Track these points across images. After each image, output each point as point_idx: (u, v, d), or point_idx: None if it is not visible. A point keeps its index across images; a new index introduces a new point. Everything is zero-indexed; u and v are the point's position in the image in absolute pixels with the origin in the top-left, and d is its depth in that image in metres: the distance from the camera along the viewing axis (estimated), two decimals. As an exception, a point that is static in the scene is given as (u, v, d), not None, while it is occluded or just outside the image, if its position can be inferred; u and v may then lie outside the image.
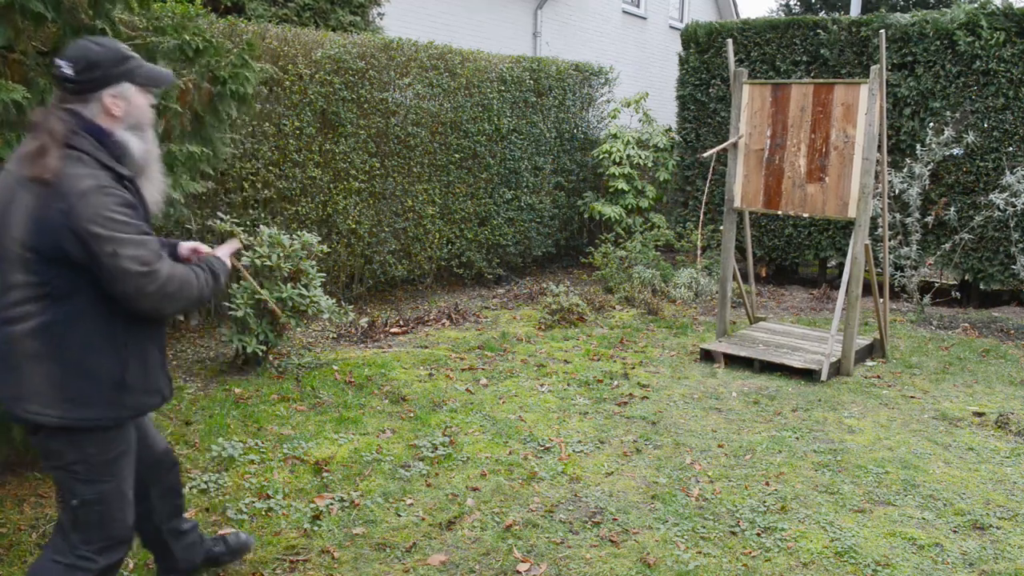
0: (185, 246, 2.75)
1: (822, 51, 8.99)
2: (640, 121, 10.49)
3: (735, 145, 6.35)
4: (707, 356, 6.33)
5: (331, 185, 7.26)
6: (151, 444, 2.78)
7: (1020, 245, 7.96)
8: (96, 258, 2.24)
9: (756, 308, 7.62)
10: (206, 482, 3.94)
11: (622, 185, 9.78)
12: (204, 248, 2.76)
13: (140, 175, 2.46)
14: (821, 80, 6.05)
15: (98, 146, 2.33)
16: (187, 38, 4.03)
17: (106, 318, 2.37)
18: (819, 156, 6.01)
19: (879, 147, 5.93)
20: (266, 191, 6.74)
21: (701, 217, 8.03)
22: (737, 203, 6.44)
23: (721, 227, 9.73)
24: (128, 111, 2.40)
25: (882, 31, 6.09)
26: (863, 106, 5.79)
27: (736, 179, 6.39)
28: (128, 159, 2.40)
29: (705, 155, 6.62)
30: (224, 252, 2.75)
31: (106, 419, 2.42)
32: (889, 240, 8.24)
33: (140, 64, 2.43)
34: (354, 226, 7.46)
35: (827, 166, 5.98)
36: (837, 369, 6.05)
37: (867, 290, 9.38)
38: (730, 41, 6.79)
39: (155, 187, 2.53)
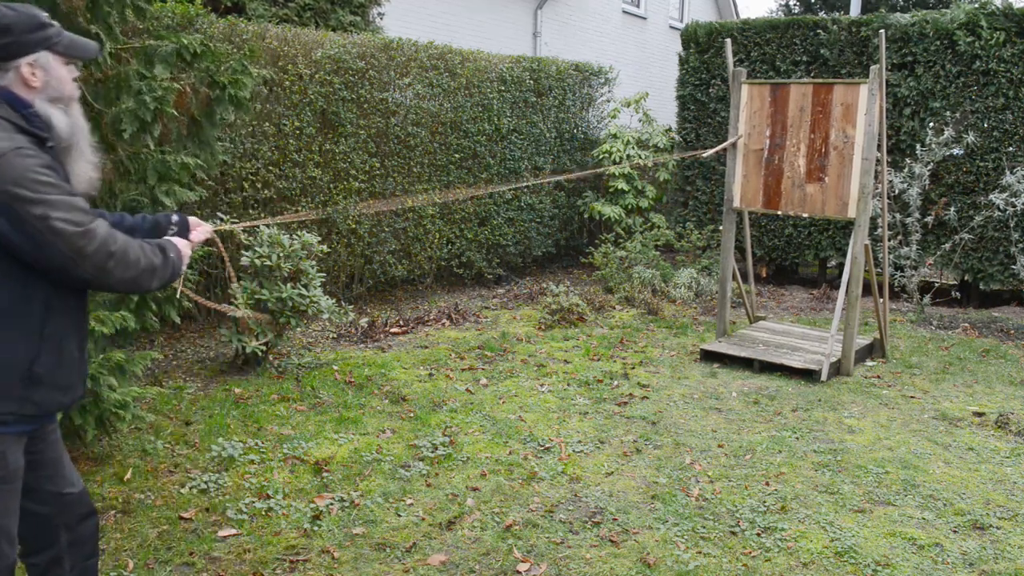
0: (192, 219, 2.69)
1: (822, 51, 8.99)
2: (640, 121, 10.49)
3: (734, 145, 6.35)
4: (707, 356, 6.33)
5: (331, 185, 7.26)
6: (66, 480, 2.48)
7: (1020, 245, 7.96)
8: (25, 223, 2.07)
9: (756, 308, 7.62)
10: (206, 482, 3.94)
11: (622, 185, 9.78)
12: (206, 226, 2.70)
13: (68, 152, 2.29)
14: (820, 80, 6.05)
15: (15, 114, 2.17)
16: (185, 42, 4.02)
17: (21, 298, 2.18)
18: (819, 156, 6.01)
19: (878, 147, 5.93)
20: (266, 191, 6.74)
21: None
22: (736, 203, 6.44)
23: (721, 227, 9.74)
24: (48, 82, 2.23)
25: (882, 31, 6.09)
26: (863, 106, 5.79)
27: (735, 179, 6.39)
28: (52, 133, 2.24)
29: (705, 155, 6.61)
30: (195, 236, 2.63)
31: (9, 415, 2.18)
32: (889, 240, 8.24)
33: (60, 32, 2.26)
34: (354, 226, 7.46)
35: (827, 166, 5.98)
36: (837, 369, 6.05)
37: (867, 290, 9.37)
38: (728, 41, 6.78)
39: (86, 164, 2.35)
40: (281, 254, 5.60)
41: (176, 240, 2.49)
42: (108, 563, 3.25)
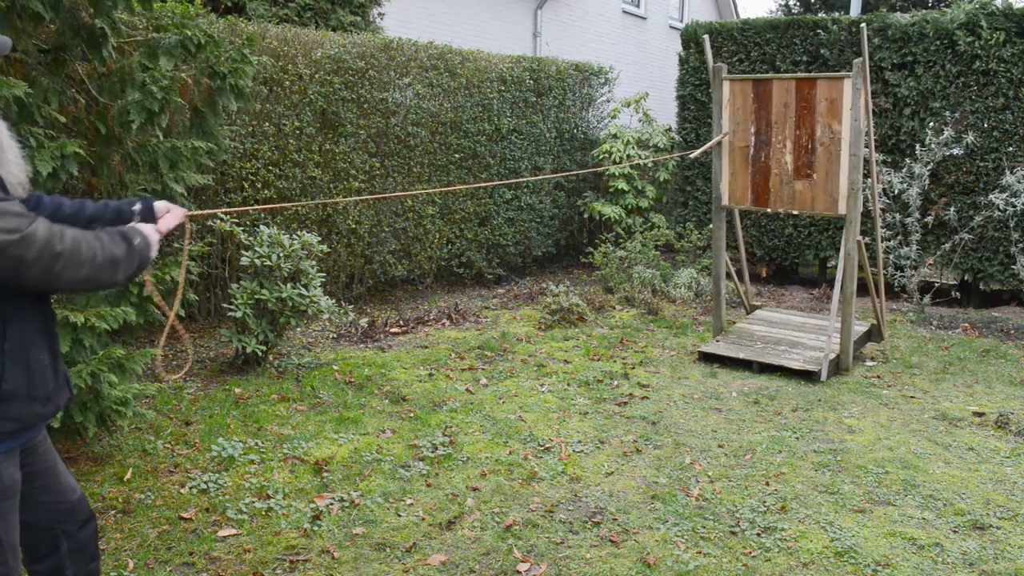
0: (161, 204, 2.53)
1: (822, 51, 8.99)
2: (640, 121, 10.49)
3: (720, 143, 6.28)
4: (706, 358, 6.31)
5: (331, 185, 7.26)
6: (62, 489, 2.42)
7: (1020, 245, 7.96)
8: None
9: (753, 299, 7.61)
10: (206, 482, 3.94)
11: (622, 185, 9.78)
12: (179, 209, 2.53)
13: None
14: (803, 75, 5.99)
15: None
16: (189, 33, 4.03)
17: None
18: (805, 152, 5.95)
19: (866, 143, 5.89)
20: (266, 191, 6.74)
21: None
22: (725, 201, 6.36)
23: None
24: None
25: (863, 24, 6.07)
26: (847, 101, 5.74)
27: (722, 177, 6.31)
28: None
29: (693, 155, 6.53)
30: (164, 223, 2.47)
31: None
32: (889, 240, 8.24)
33: None
34: (354, 226, 7.46)
35: (814, 162, 5.93)
36: (836, 366, 6.04)
37: (868, 289, 9.32)
38: (706, 37, 6.77)
39: (13, 165, 2.16)
40: (281, 254, 5.60)
41: (142, 226, 2.31)
42: (108, 563, 3.25)
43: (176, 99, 3.95)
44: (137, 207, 2.48)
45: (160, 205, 2.51)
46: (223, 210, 3.06)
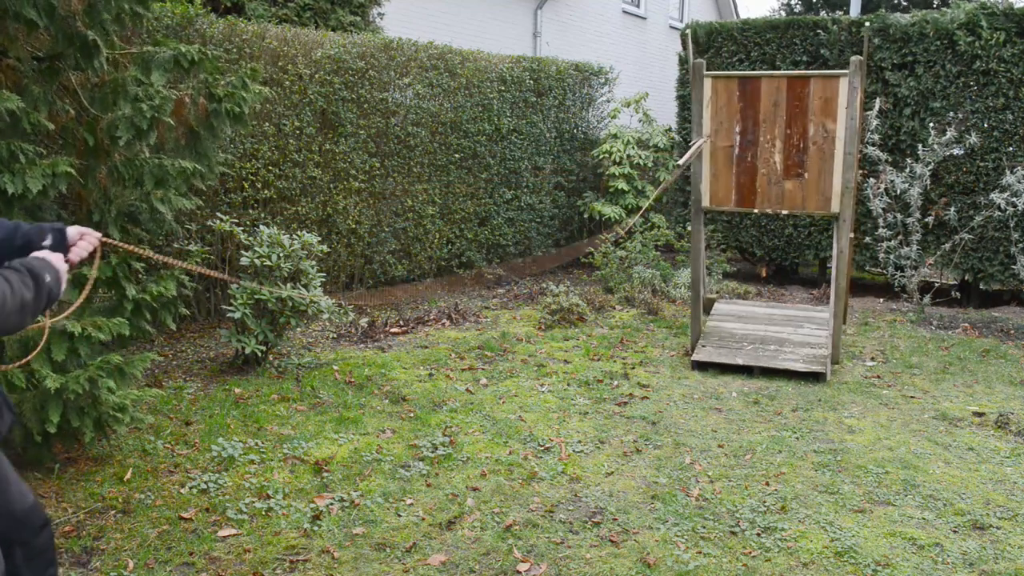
0: (74, 230, 2.40)
1: (822, 51, 8.99)
2: (640, 121, 10.49)
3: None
4: (700, 366, 6.20)
5: (331, 185, 7.27)
6: (11, 497, 2.40)
7: (1020, 245, 7.95)
8: None
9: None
10: (206, 482, 3.94)
11: (622, 185, 9.78)
12: (93, 233, 2.42)
13: None
14: (795, 73, 5.90)
15: None
16: (183, 49, 4.00)
17: None
18: (797, 152, 5.82)
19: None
20: (266, 191, 6.74)
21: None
22: (705, 203, 6.20)
23: (720, 228, 9.73)
24: None
25: (866, 24, 6.04)
26: (843, 99, 5.68)
27: (703, 178, 6.15)
28: None
29: (680, 162, 6.37)
30: (76, 252, 2.37)
31: None
32: (889, 240, 8.24)
33: None
34: (354, 226, 7.46)
35: (805, 161, 5.82)
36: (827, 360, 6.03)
37: (870, 290, 9.33)
38: (689, 34, 6.72)
39: None
40: (281, 254, 5.60)
41: (52, 258, 2.17)
42: (108, 563, 3.25)
43: (167, 118, 3.91)
44: (48, 238, 2.35)
45: (73, 231, 2.40)
46: (149, 254, 2.81)
